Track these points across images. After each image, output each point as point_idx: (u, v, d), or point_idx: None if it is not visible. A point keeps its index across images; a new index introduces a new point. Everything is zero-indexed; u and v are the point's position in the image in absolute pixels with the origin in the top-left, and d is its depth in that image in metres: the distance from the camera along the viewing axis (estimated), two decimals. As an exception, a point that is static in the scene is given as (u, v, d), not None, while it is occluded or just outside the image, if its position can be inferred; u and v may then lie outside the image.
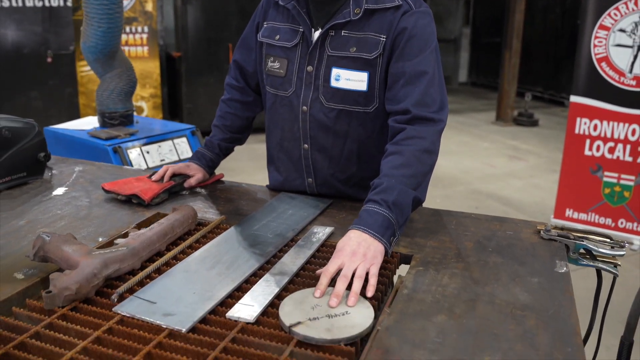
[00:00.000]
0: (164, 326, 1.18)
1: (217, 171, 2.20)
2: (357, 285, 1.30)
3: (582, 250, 1.67)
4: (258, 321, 1.23)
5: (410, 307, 1.29)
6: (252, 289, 1.33)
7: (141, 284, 1.36)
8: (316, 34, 1.80)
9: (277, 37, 1.87)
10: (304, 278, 1.42)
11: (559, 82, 11.31)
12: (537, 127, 9.66)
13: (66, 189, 2.06)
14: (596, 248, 1.64)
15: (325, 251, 1.58)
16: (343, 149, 1.88)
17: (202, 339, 1.15)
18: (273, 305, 1.28)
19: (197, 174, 2.05)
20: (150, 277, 1.40)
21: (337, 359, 1.09)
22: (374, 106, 1.80)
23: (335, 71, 1.78)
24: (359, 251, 1.37)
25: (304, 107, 1.85)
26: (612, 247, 1.64)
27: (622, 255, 1.62)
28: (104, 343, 1.14)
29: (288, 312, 1.21)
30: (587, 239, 1.67)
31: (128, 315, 1.22)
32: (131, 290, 1.33)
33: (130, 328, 1.19)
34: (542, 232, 1.73)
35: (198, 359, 1.10)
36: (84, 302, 1.28)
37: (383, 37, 1.73)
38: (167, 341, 1.14)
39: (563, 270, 1.51)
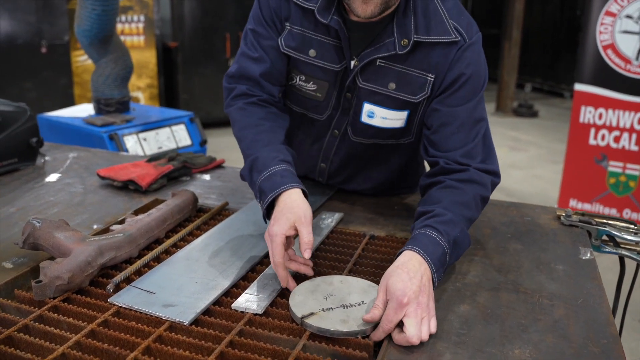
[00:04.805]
0: (165, 318, 1.09)
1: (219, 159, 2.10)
2: (426, 337, 1.06)
3: (604, 237, 1.58)
4: (266, 312, 1.13)
5: (430, 297, 1.20)
6: (258, 277, 1.24)
7: (139, 273, 1.27)
8: (352, 62, 1.45)
9: (312, 52, 1.47)
10: (315, 266, 1.32)
11: (557, 74, 11.21)
12: (537, 119, 9.56)
13: (59, 175, 1.96)
14: (619, 234, 1.55)
15: (334, 237, 1.48)
16: (363, 169, 1.71)
17: (206, 332, 1.05)
18: (282, 295, 1.19)
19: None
20: (148, 266, 1.30)
21: (354, 353, 0.99)
22: (408, 139, 1.57)
23: (368, 107, 1.50)
24: (422, 301, 1.08)
25: (336, 131, 1.59)
26: (636, 234, 1.55)
27: (647, 242, 1.53)
28: (99, 337, 1.04)
29: (299, 303, 1.11)
30: (609, 225, 1.59)
31: (125, 306, 1.12)
32: (128, 280, 1.23)
33: (127, 320, 1.09)
34: (562, 217, 1.64)
35: (202, 353, 1.00)
36: (77, 292, 1.18)
37: (431, 77, 1.42)
38: (168, 334, 1.04)
39: (587, 257, 1.42)
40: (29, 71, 6.42)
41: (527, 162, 7.02)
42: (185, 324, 1.07)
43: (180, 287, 1.19)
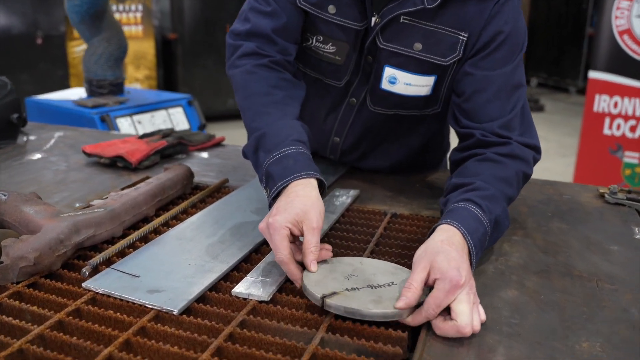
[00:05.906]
0: (149, 306, 0.89)
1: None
2: (478, 327, 0.87)
3: (655, 217, 1.39)
4: (274, 299, 0.94)
5: (470, 281, 1.00)
6: (264, 259, 1.04)
7: (122, 254, 1.07)
8: (372, 19, 1.26)
9: (331, 7, 1.26)
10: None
11: (563, 69, 11.03)
12: (544, 113, 9.38)
13: (43, 154, 1.77)
14: (674, 214, 1.36)
15: (351, 216, 1.29)
16: (381, 144, 1.51)
17: (200, 322, 0.86)
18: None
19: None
20: (133, 247, 1.11)
21: (385, 348, 0.80)
22: (434, 110, 1.38)
23: (389, 71, 1.29)
24: (473, 284, 0.90)
25: (353, 100, 1.40)
26: (693, 213, 1.36)
27: None
28: (68, 329, 0.85)
29: (318, 282, 0.91)
30: (661, 203, 1.40)
31: (102, 292, 0.93)
32: (108, 262, 1.03)
33: (103, 309, 0.89)
34: (606, 195, 1.45)
35: (195, 349, 0.81)
36: (47, 276, 0.99)
37: (463, 36, 1.22)
38: (153, 326, 0.85)
39: (643, 237, 1.23)
40: (25, 63, 6.27)
41: (536, 156, 6.85)
42: (174, 312, 0.87)
43: (171, 270, 0.99)
